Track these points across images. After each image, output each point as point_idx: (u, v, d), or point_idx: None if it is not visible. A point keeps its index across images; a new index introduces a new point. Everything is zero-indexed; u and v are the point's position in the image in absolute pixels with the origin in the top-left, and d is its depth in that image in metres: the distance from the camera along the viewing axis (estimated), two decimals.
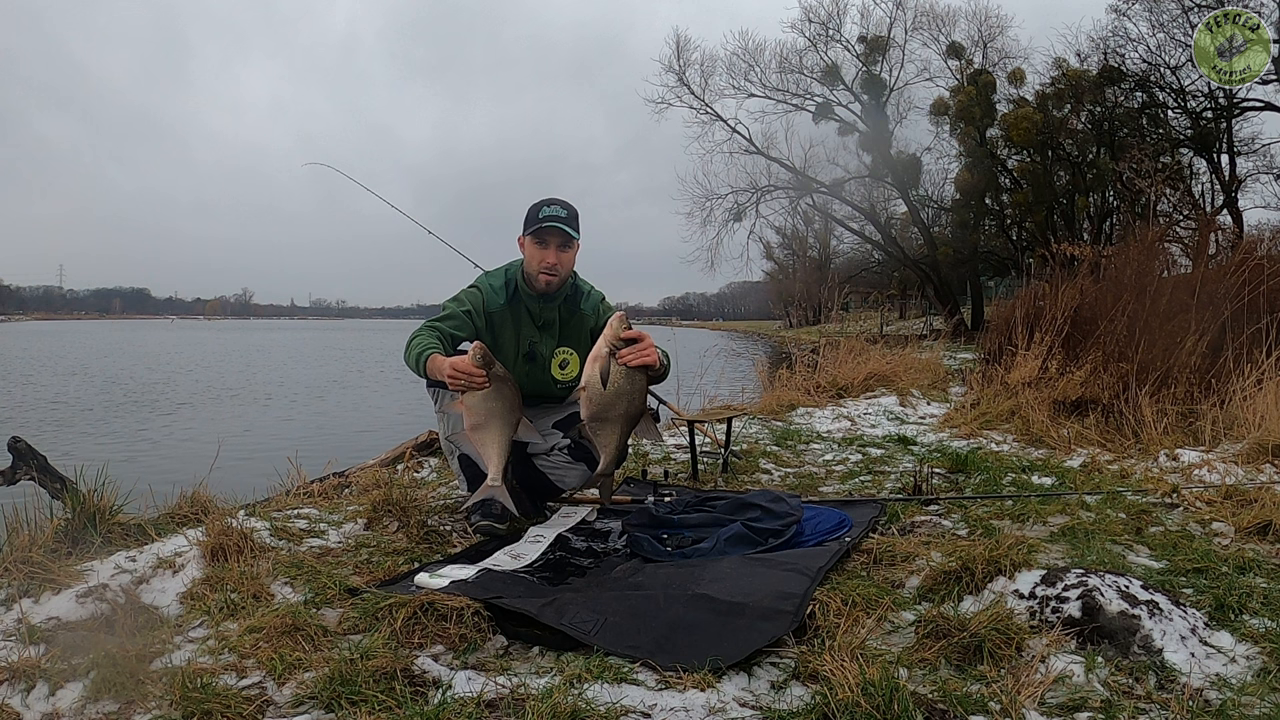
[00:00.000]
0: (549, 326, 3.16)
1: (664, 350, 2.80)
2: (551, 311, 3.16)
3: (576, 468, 3.20)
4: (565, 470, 3.21)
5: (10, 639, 1.95)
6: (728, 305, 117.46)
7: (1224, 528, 2.91)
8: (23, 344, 34.32)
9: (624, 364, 2.51)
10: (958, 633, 1.88)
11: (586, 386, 2.53)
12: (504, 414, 2.62)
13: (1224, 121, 22.20)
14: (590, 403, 2.53)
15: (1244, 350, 5.07)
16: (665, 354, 2.81)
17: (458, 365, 2.58)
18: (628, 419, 2.57)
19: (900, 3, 25.58)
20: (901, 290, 41.07)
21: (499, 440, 2.62)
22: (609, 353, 2.51)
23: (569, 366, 3.19)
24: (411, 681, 1.73)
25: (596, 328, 3.08)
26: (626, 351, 2.51)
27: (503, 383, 2.61)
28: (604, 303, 3.24)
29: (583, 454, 3.15)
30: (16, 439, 2.90)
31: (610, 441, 2.57)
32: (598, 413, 2.53)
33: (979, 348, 9.63)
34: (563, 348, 3.19)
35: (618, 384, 2.51)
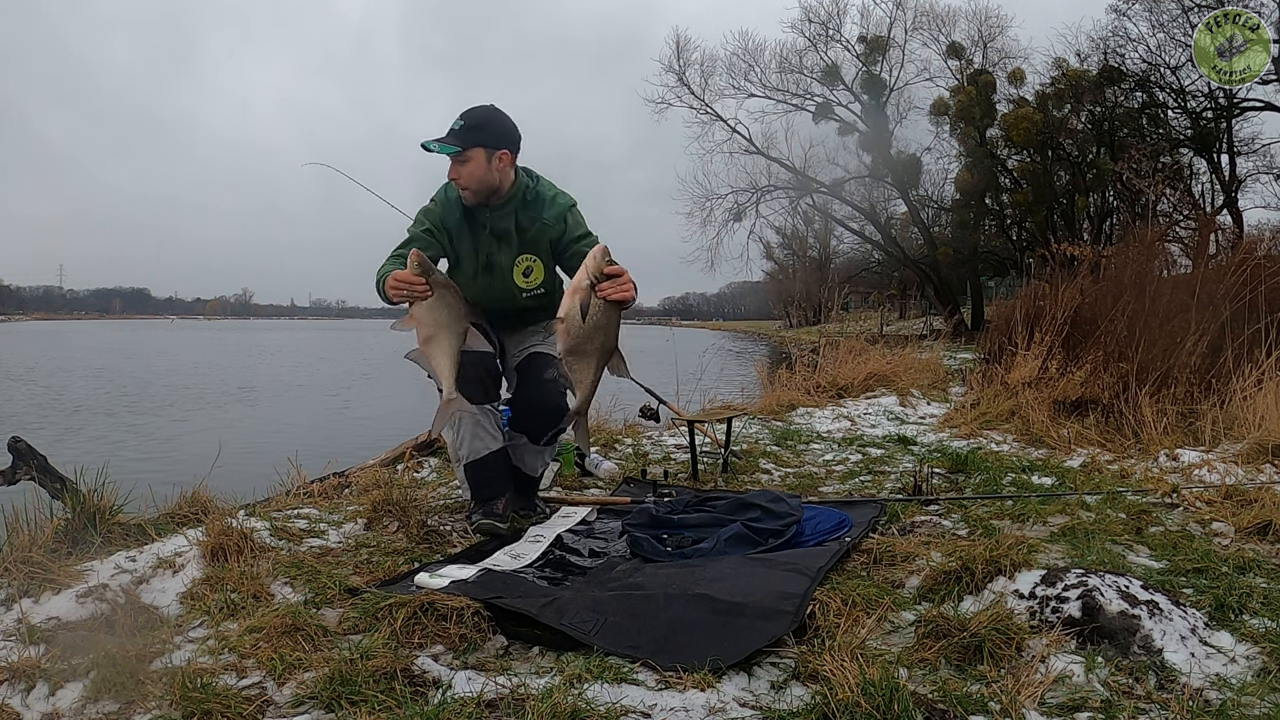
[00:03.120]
0: (505, 235, 3.05)
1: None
2: (505, 219, 3.03)
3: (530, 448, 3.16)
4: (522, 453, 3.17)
5: (10, 639, 1.95)
6: (728, 305, 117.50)
7: (1224, 528, 2.91)
8: (24, 345, 34.31)
9: (604, 298, 2.47)
10: (958, 633, 1.88)
11: (565, 319, 2.49)
12: (450, 323, 2.59)
13: (1224, 121, 22.21)
14: (568, 335, 2.49)
15: (1244, 350, 5.07)
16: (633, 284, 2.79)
17: (398, 276, 2.56)
18: (604, 353, 2.53)
19: (900, 3, 25.59)
20: (901, 290, 41.07)
21: (449, 351, 2.60)
22: (589, 285, 2.47)
23: (533, 274, 3.10)
24: (411, 681, 1.73)
25: (561, 239, 3.00)
26: (607, 285, 2.47)
27: (445, 290, 2.58)
28: (573, 211, 3.08)
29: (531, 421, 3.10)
30: (16, 439, 2.90)
31: (586, 378, 2.54)
32: (576, 345, 2.50)
33: (979, 348, 9.64)
34: (525, 255, 3.07)
35: (596, 318, 2.47)
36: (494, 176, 2.95)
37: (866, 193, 27.89)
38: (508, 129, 2.98)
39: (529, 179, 3.10)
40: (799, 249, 49.33)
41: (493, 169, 2.93)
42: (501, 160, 2.94)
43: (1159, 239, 7.56)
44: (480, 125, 2.92)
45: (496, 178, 2.96)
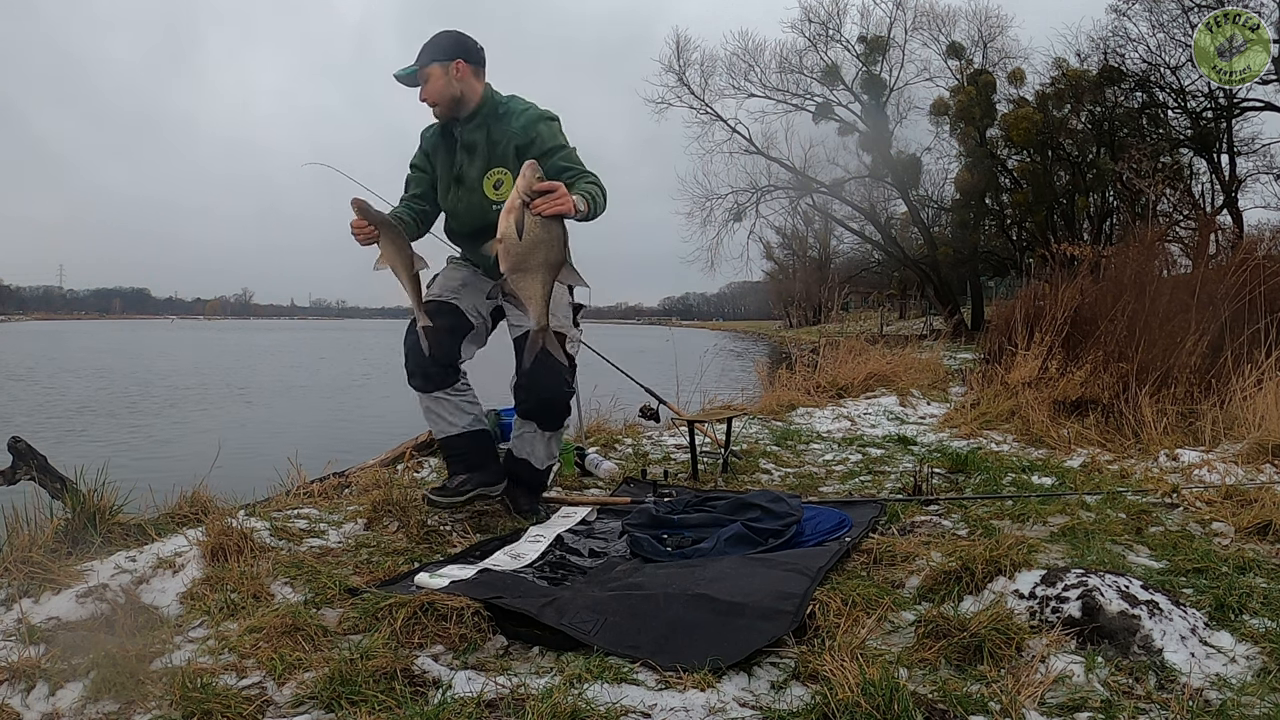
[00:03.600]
0: (473, 149, 3.06)
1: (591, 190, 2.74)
2: (475, 133, 3.04)
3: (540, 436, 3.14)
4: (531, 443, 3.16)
5: (10, 639, 1.95)
6: (728, 305, 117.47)
7: (1224, 528, 2.91)
8: (24, 345, 34.29)
9: (538, 214, 2.51)
10: (958, 633, 1.88)
11: (503, 239, 2.54)
12: (396, 254, 2.76)
13: (1224, 121, 22.21)
14: (508, 254, 2.54)
15: (1244, 350, 5.07)
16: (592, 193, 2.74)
17: (351, 224, 2.73)
18: (548, 267, 2.56)
19: (900, 3, 25.60)
20: (901, 290, 41.09)
21: (405, 280, 2.78)
22: (523, 204, 2.52)
23: (503, 187, 3.06)
24: (411, 681, 1.73)
25: (524, 147, 2.93)
26: (540, 201, 2.51)
27: (385, 227, 2.75)
28: (545, 123, 2.99)
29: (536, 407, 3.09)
30: (16, 439, 2.90)
31: (534, 292, 2.58)
32: (516, 264, 2.54)
33: (979, 348, 9.64)
34: (497, 169, 3.06)
35: (534, 233, 2.51)
36: (454, 87, 2.98)
37: (866, 193, 27.91)
38: (459, 39, 3.02)
39: (501, 94, 3.08)
40: (799, 249, 49.34)
41: (451, 80, 2.97)
42: (458, 70, 2.97)
43: (1159, 239, 7.56)
44: (433, 43, 3.00)
45: (457, 88, 2.99)
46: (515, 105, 3.05)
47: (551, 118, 3.01)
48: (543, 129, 2.96)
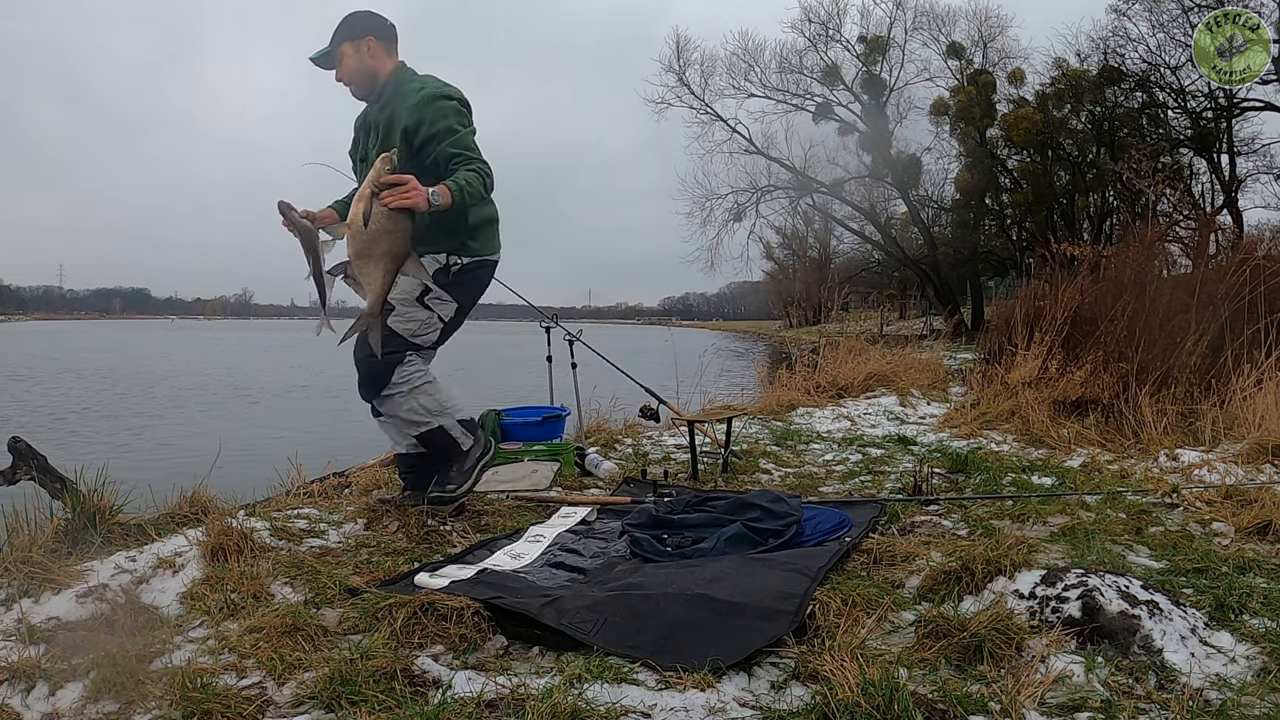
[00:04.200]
0: (375, 129, 3.01)
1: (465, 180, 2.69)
2: (380, 113, 2.99)
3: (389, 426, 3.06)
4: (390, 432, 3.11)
5: (10, 639, 1.95)
6: (728, 305, 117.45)
7: (1224, 528, 2.91)
8: (24, 345, 34.28)
9: (385, 206, 2.55)
10: (958, 633, 1.88)
11: (350, 225, 2.60)
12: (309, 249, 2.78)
13: (1224, 121, 22.20)
14: (353, 241, 2.60)
15: (1244, 350, 5.07)
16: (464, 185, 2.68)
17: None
18: (390, 257, 2.62)
19: (900, 3, 25.60)
20: (901, 290, 41.09)
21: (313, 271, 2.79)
22: (372, 194, 2.56)
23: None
24: (411, 681, 1.73)
25: (411, 129, 2.85)
26: (387, 194, 2.55)
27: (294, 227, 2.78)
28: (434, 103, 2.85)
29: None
30: (16, 439, 2.90)
31: (374, 280, 2.63)
32: (360, 250, 2.60)
33: (979, 348, 9.64)
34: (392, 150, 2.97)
35: (379, 224, 2.56)
36: (367, 64, 2.95)
37: (866, 193, 27.91)
38: (369, 17, 2.98)
39: (413, 73, 3.00)
40: (799, 249, 49.34)
41: (363, 58, 2.94)
42: (369, 47, 2.94)
43: (1159, 239, 7.57)
44: (344, 23, 2.97)
45: (370, 64, 2.96)
46: (413, 84, 2.93)
47: (446, 97, 2.86)
48: (430, 112, 2.82)
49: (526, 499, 3.55)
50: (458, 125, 2.81)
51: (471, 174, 2.72)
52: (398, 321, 2.88)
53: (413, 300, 2.91)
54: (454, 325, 3.07)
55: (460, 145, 2.78)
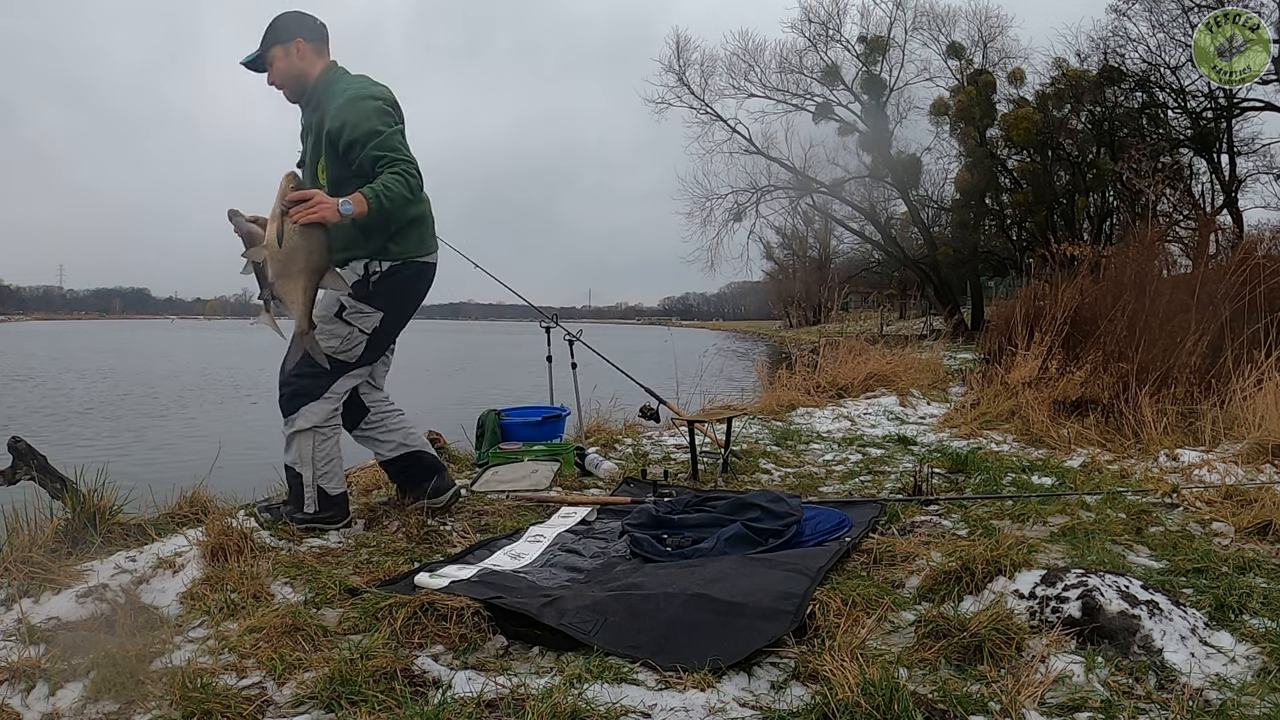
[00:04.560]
0: (308, 133, 2.99)
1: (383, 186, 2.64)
2: (311, 115, 2.95)
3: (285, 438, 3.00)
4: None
5: (10, 639, 1.95)
6: (728, 305, 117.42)
7: (1224, 528, 2.91)
8: (24, 345, 34.27)
9: (296, 222, 2.57)
10: (958, 633, 1.88)
11: (268, 246, 2.61)
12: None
13: (1224, 121, 22.19)
14: (272, 260, 2.61)
15: (1244, 350, 5.07)
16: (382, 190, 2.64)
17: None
18: (308, 273, 2.62)
19: (900, 3, 25.58)
20: (901, 290, 41.07)
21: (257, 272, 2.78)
22: (283, 212, 2.58)
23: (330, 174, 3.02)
24: (411, 681, 1.73)
25: (334, 133, 2.80)
26: (295, 210, 2.56)
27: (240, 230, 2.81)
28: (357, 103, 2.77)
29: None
30: (16, 439, 2.90)
31: (296, 297, 2.64)
32: (279, 270, 2.62)
33: (979, 348, 9.64)
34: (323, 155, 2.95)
35: (293, 241, 2.58)
36: (296, 67, 2.90)
37: (866, 193, 27.89)
38: (297, 18, 2.93)
39: (343, 72, 2.94)
40: (799, 249, 49.32)
41: (293, 60, 2.89)
42: (298, 49, 2.89)
43: (1159, 239, 7.57)
44: (271, 26, 2.92)
45: (300, 66, 2.90)
46: (339, 86, 2.87)
47: (371, 97, 2.78)
48: (354, 114, 2.75)
49: (526, 499, 3.55)
50: (381, 126, 2.74)
51: (394, 177, 2.66)
52: (320, 340, 2.84)
53: (331, 317, 2.86)
54: (386, 334, 2.99)
55: (384, 147, 2.71)
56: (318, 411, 2.88)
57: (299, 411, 2.87)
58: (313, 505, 2.89)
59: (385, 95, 2.82)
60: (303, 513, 2.90)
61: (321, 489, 2.90)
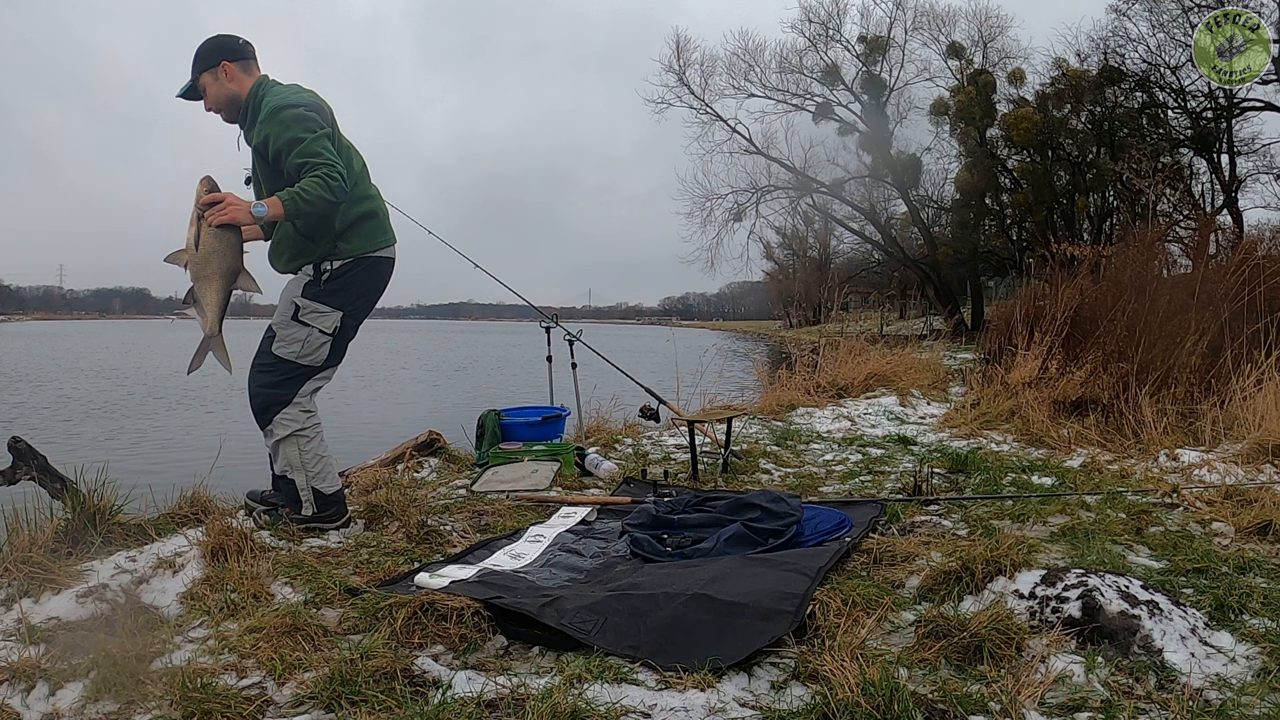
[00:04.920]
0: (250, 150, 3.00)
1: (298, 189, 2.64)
2: (248, 132, 2.95)
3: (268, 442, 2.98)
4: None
5: (10, 639, 1.95)
6: (728, 305, 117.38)
7: (1224, 528, 2.91)
8: (24, 345, 34.28)
9: (211, 225, 2.65)
10: (958, 633, 1.88)
11: (187, 251, 2.69)
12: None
13: (1224, 121, 22.18)
14: (190, 264, 2.70)
15: (1244, 350, 5.08)
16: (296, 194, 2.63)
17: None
18: (222, 275, 2.69)
19: (900, 3, 25.59)
20: (901, 290, 41.05)
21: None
22: (198, 216, 2.66)
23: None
24: (411, 681, 1.73)
25: (260, 148, 2.83)
26: (209, 213, 2.63)
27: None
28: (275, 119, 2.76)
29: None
30: (16, 439, 2.90)
31: (210, 299, 2.72)
32: (196, 273, 2.69)
33: (979, 348, 9.64)
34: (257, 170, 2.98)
35: (208, 243, 2.66)
36: (227, 89, 2.91)
37: (866, 193, 27.90)
38: (219, 41, 2.93)
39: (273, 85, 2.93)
40: (799, 249, 49.30)
41: (223, 84, 2.90)
42: (226, 72, 2.89)
43: (1159, 239, 7.57)
44: (197, 54, 2.93)
45: (230, 88, 2.91)
46: (263, 99, 2.86)
47: (289, 106, 2.77)
48: (275, 126, 2.76)
49: (526, 499, 3.55)
50: (303, 133, 2.74)
51: (312, 180, 2.66)
52: (281, 346, 2.85)
53: (289, 320, 2.87)
54: (347, 334, 2.98)
55: (305, 153, 2.70)
56: (293, 417, 2.89)
57: (274, 421, 2.89)
58: (310, 508, 2.89)
59: (307, 102, 2.82)
60: (301, 515, 2.91)
61: (317, 490, 2.91)
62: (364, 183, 2.98)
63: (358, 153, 3.02)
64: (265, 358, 2.87)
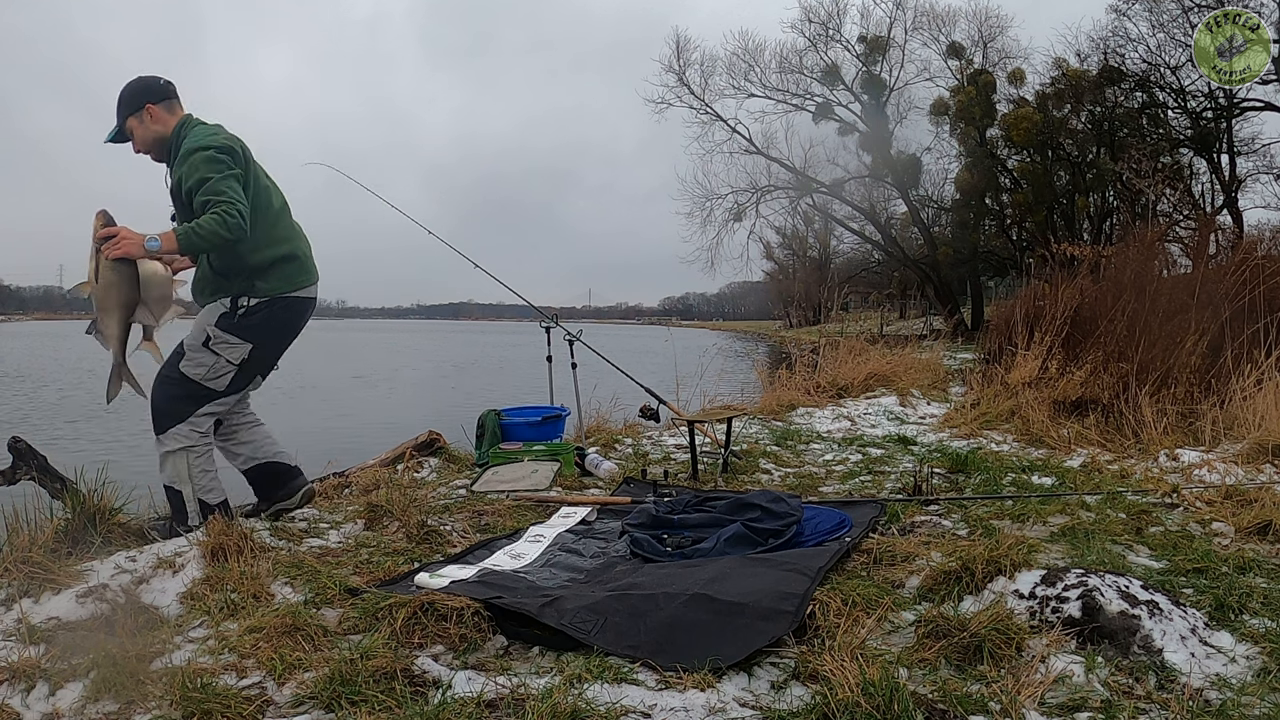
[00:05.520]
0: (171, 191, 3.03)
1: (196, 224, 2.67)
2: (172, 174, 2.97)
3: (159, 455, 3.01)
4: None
5: (10, 639, 1.95)
6: (728, 305, 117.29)
7: (1224, 528, 2.91)
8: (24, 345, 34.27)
9: (107, 258, 2.71)
10: (958, 633, 1.88)
11: (88, 283, 2.76)
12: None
13: (1224, 121, 22.17)
14: (93, 297, 2.77)
15: (1244, 350, 5.07)
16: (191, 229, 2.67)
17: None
18: (120, 307, 2.77)
19: (900, 3, 25.56)
20: (901, 290, 41.03)
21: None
22: (96, 250, 2.72)
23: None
24: (411, 681, 1.73)
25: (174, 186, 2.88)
26: (105, 247, 2.69)
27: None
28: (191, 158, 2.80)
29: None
30: (16, 439, 2.90)
31: (111, 331, 2.79)
32: (98, 304, 2.77)
33: (979, 348, 9.65)
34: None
35: (106, 276, 2.73)
36: (153, 131, 2.95)
37: (866, 193, 27.88)
38: (140, 85, 2.97)
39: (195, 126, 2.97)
40: (799, 249, 49.27)
41: (148, 126, 2.95)
42: (150, 115, 2.93)
43: (1159, 239, 7.57)
44: (120, 100, 2.97)
45: (156, 130, 2.95)
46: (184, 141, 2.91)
47: (201, 148, 2.82)
48: (186, 168, 2.82)
49: (526, 499, 3.55)
50: (210, 174, 2.79)
51: (210, 216, 2.69)
52: (188, 366, 2.89)
53: (199, 346, 2.91)
54: (255, 366, 3.00)
55: (209, 191, 2.75)
56: (185, 434, 2.91)
57: (167, 433, 2.91)
58: (196, 519, 2.91)
59: (218, 144, 2.85)
60: (186, 527, 2.90)
61: (203, 501, 2.92)
62: (284, 222, 3.03)
63: (279, 191, 3.07)
64: (172, 371, 2.91)
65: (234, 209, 2.71)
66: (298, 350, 3.17)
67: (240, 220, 2.71)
